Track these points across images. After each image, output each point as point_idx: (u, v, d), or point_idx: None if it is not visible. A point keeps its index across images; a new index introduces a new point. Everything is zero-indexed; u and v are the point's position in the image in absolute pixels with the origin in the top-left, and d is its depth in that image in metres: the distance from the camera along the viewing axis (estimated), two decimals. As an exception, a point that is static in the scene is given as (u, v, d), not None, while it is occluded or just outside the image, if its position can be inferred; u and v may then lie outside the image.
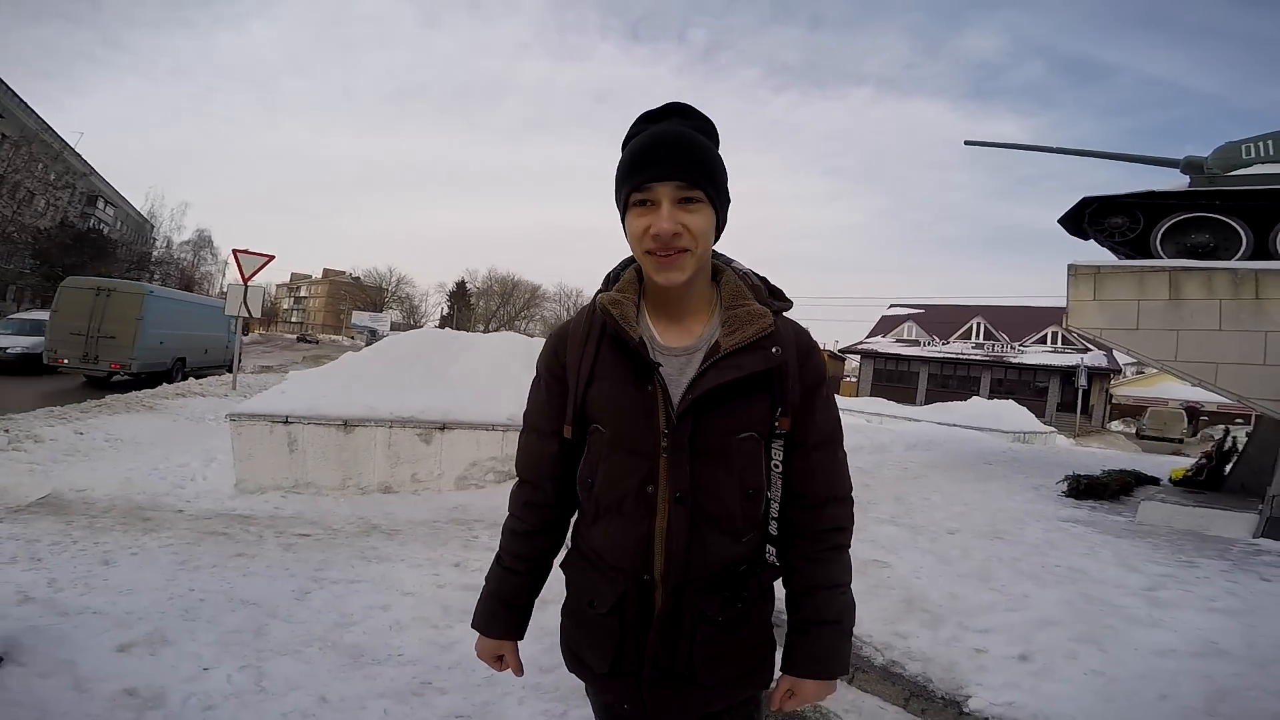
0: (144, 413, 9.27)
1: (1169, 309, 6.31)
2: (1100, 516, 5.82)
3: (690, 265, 1.05)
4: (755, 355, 1.06)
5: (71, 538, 4.00)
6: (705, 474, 1.06)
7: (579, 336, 1.14)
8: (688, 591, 1.07)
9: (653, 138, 1.04)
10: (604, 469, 1.10)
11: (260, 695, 2.40)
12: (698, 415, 1.05)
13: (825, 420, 1.15)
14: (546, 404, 1.18)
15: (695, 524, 1.06)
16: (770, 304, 1.14)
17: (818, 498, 1.14)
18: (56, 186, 35.14)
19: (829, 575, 1.14)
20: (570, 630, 1.19)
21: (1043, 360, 33.86)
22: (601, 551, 1.12)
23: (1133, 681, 2.49)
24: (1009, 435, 14.28)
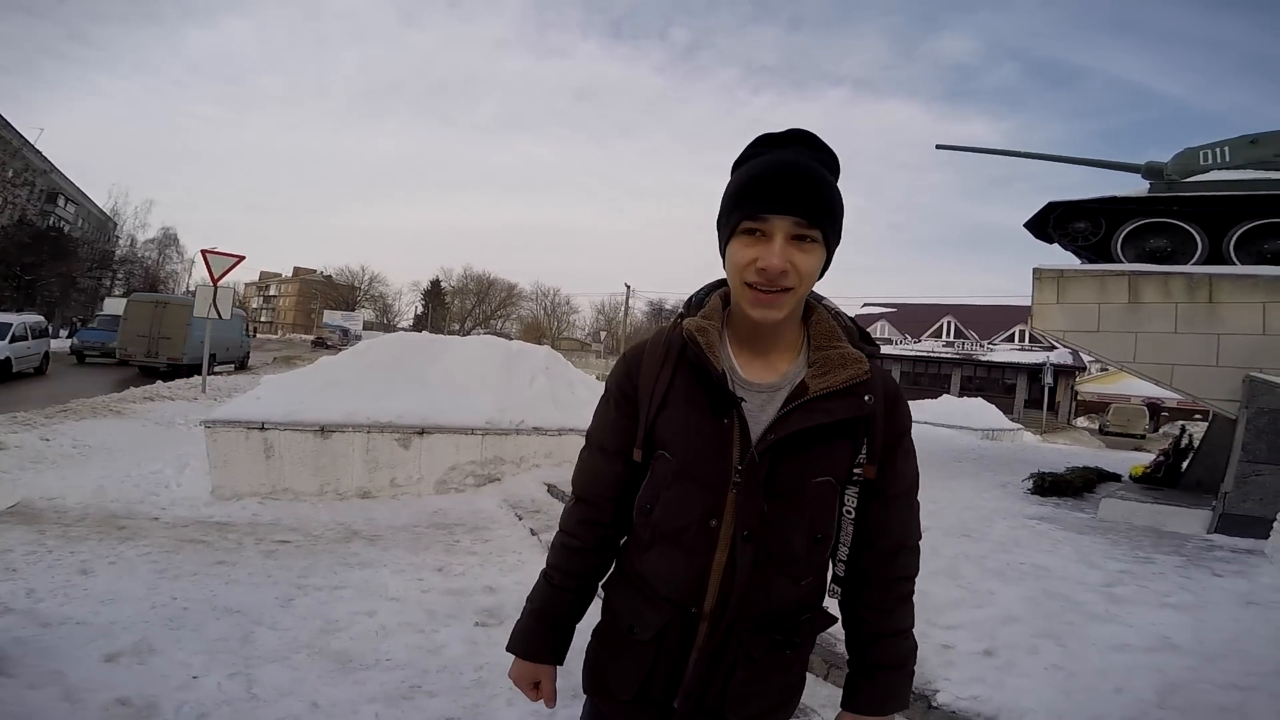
0: (111, 418, 9.11)
1: (1128, 312, 6.53)
2: (1064, 513, 6.00)
3: (789, 304, 1.01)
4: (847, 401, 1.02)
5: (46, 547, 3.96)
6: (776, 514, 1.03)
7: (655, 358, 1.11)
8: (739, 629, 1.04)
9: (777, 166, 0.98)
10: (666, 497, 1.06)
11: (252, 702, 2.43)
12: (776, 455, 1.01)
13: (907, 470, 1.12)
14: (615, 424, 1.14)
15: (759, 563, 1.03)
16: (863, 348, 1.09)
17: (891, 547, 1.11)
18: (15, 184, 34.09)
19: (894, 623, 1.12)
20: (597, 652, 1.16)
21: (1011, 358, 34.65)
22: (652, 579, 1.09)
23: (1090, 676, 2.62)
24: (978, 432, 14.60)
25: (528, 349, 7.66)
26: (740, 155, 1.07)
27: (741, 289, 1.01)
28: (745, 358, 1.09)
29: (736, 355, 1.10)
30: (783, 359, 1.09)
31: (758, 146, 1.06)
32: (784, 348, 1.10)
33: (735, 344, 1.10)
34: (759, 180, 0.99)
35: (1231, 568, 4.31)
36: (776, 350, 1.09)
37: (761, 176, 0.99)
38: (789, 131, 1.06)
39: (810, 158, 1.02)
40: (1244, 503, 5.34)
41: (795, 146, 1.04)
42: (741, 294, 1.02)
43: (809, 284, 1.01)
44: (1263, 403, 5.46)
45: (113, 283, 41.80)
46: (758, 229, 0.98)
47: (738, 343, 1.10)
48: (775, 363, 1.09)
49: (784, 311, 1.01)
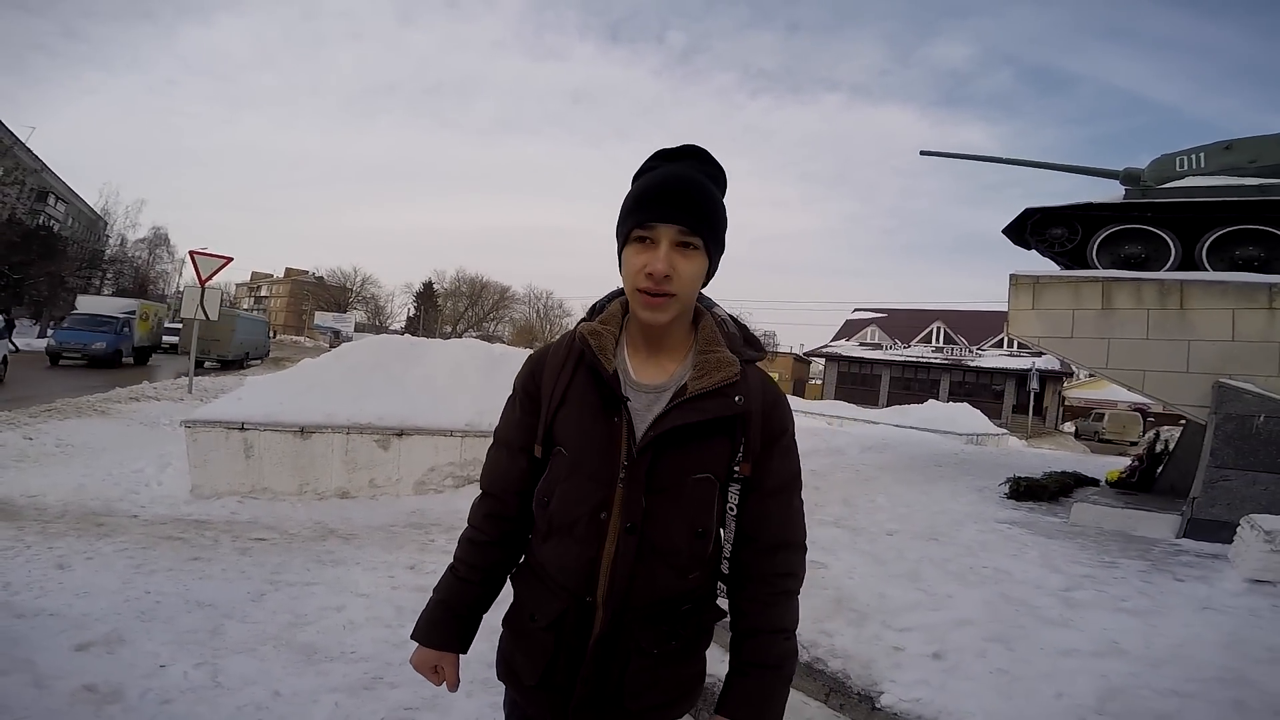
0: (96, 418, 9.12)
1: (1101, 318, 6.60)
2: (1036, 518, 6.05)
3: (674, 308, 1.09)
4: (718, 401, 1.10)
5: (24, 543, 4.00)
6: (657, 508, 1.09)
7: (557, 361, 1.18)
8: (627, 619, 1.10)
9: (664, 178, 1.08)
10: (561, 490, 1.13)
11: (216, 690, 2.49)
12: (657, 452, 1.09)
13: (783, 468, 1.18)
14: (519, 422, 1.22)
15: (642, 554, 1.09)
16: (743, 352, 1.17)
17: (770, 543, 1.16)
18: (5, 183, 33.83)
19: (774, 619, 1.16)
20: (507, 640, 1.22)
21: (999, 363, 34.84)
22: (549, 568, 1.15)
23: (1034, 680, 2.67)
24: (962, 437, 14.72)
25: (510, 353, 7.73)
26: (638, 170, 1.16)
27: (633, 293, 1.10)
28: (639, 360, 1.18)
29: (631, 358, 1.18)
30: (672, 361, 1.17)
31: (653, 160, 1.16)
32: (673, 350, 1.18)
33: (631, 347, 1.19)
34: (649, 191, 1.08)
35: (1194, 572, 4.35)
36: (666, 353, 1.17)
37: (650, 188, 1.08)
38: (683, 147, 1.15)
39: (698, 170, 1.12)
40: (1212, 507, 5.41)
41: (687, 161, 1.14)
42: (633, 298, 1.10)
43: (691, 288, 1.10)
44: (1231, 409, 5.55)
45: (102, 282, 41.57)
46: (646, 236, 1.07)
47: (633, 346, 1.18)
48: (665, 365, 1.17)
49: (670, 314, 1.10)
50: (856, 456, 9.67)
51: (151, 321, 24.48)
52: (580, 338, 1.16)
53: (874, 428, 14.87)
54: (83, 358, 18.61)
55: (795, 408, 13.83)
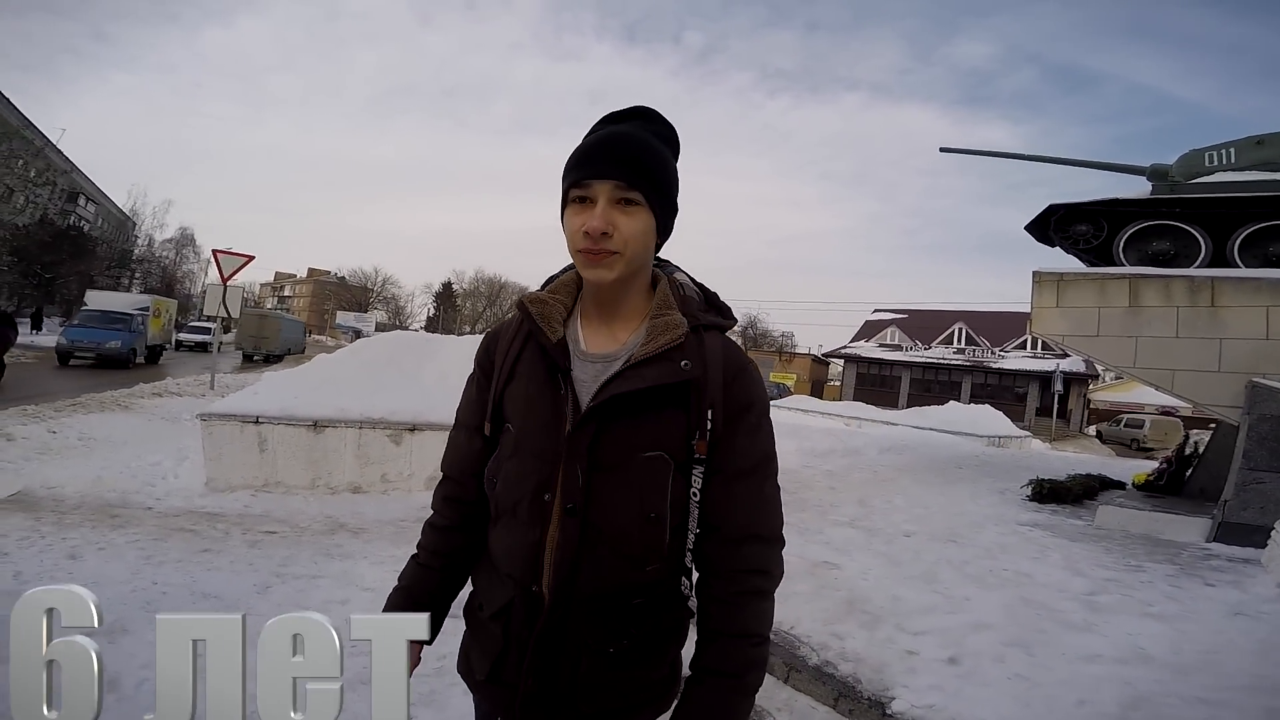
0: (119, 412, 9.25)
1: (1128, 316, 6.44)
2: (1059, 520, 5.92)
3: (619, 266, 1.01)
4: (661, 367, 1.01)
5: (40, 533, 4.03)
6: (601, 488, 1.01)
7: (510, 333, 1.13)
8: (573, 611, 1.01)
9: (603, 135, 1.03)
10: (506, 469, 1.07)
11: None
12: (601, 424, 1.00)
13: (750, 448, 1.06)
14: (475, 400, 1.16)
15: (587, 540, 1.00)
16: (700, 316, 1.08)
17: (735, 534, 1.04)
18: (36, 183, 34.65)
19: (737, 622, 1.03)
20: (466, 633, 1.16)
21: (1022, 365, 34.32)
22: (497, 555, 1.09)
23: (1054, 687, 2.57)
24: (984, 439, 14.45)
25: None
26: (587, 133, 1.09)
27: (575, 255, 1.04)
28: (591, 330, 1.11)
29: (584, 328, 1.11)
30: (625, 329, 1.09)
31: (599, 124, 1.09)
32: (627, 319, 1.10)
33: (585, 317, 1.12)
34: (586, 149, 1.03)
35: (1226, 577, 4.23)
36: (620, 320, 1.10)
37: (587, 146, 1.03)
38: (631, 108, 1.10)
39: (642, 129, 1.06)
40: (1244, 510, 5.26)
41: (634, 121, 1.08)
42: (576, 260, 1.05)
43: (638, 247, 1.02)
44: (1265, 409, 5.37)
45: (131, 282, 42.41)
46: (584, 195, 1.01)
47: (586, 316, 1.12)
48: (617, 333, 1.09)
49: (614, 272, 1.02)
50: (874, 457, 9.54)
51: (164, 318, 23.43)
52: (520, 306, 1.11)
53: (893, 429, 14.66)
54: (94, 357, 17.20)
55: (812, 408, 13.74)
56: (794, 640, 2.92)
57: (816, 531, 4.80)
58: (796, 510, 5.52)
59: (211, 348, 16.13)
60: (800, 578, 3.67)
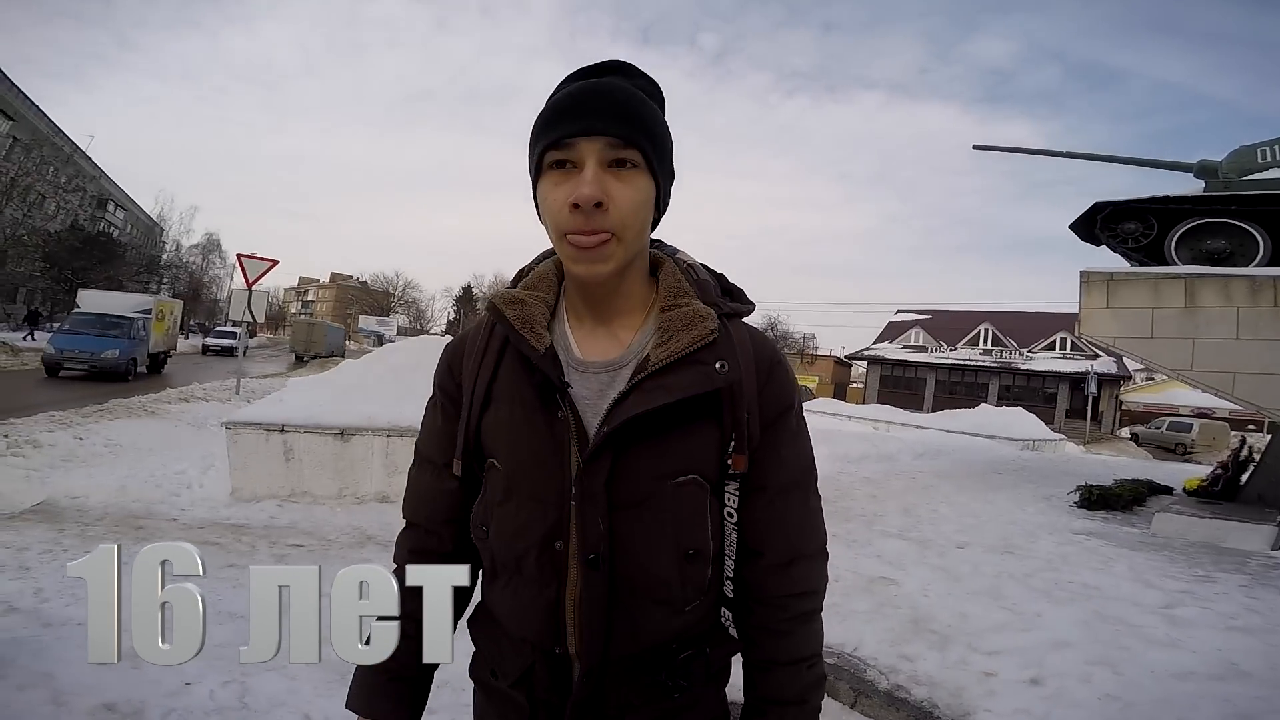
0: (145, 418, 9.24)
1: (1184, 317, 6.20)
2: (1113, 528, 5.70)
3: (618, 254, 0.81)
4: (692, 373, 0.82)
5: (62, 546, 3.94)
6: (628, 530, 0.83)
7: (478, 346, 0.91)
8: (610, 674, 0.85)
9: (580, 88, 0.81)
10: (499, 516, 0.87)
11: (243, 712, 2.34)
12: (618, 453, 0.82)
13: (794, 458, 0.91)
14: (441, 430, 0.95)
15: (616, 594, 0.83)
16: (721, 304, 0.89)
17: (781, 557, 0.89)
18: (67, 190, 35.43)
19: (791, 649, 0.90)
20: (478, 697, 0.97)
21: (1052, 367, 33.69)
22: (503, 616, 0.90)
23: (1150, 706, 2.40)
24: (1018, 443, 14.11)
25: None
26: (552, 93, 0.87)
27: (560, 241, 0.82)
28: (584, 332, 0.90)
29: (574, 330, 0.90)
30: (627, 328, 0.89)
31: (566, 81, 0.87)
32: (629, 313, 0.90)
33: (572, 316, 0.91)
34: (561, 104, 0.81)
35: (1302, 588, 4.01)
36: (619, 318, 0.89)
37: (564, 99, 0.81)
38: (604, 62, 0.87)
39: (622, 82, 0.84)
40: (1312, 519, 5.01)
41: (610, 76, 0.85)
42: (561, 247, 0.82)
43: (636, 221, 0.81)
44: (1332, 413, 5.11)
45: (159, 287, 43.17)
46: (566, 159, 0.79)
47: (574, 314, 0.91)
48: (619, 334, 0.89)
49: (612, 262, 0.81)
50: (910, 463, 9.29)
51: (168, 322, 20.71)
52: (492, 309, 0.89)
53: (924, 433, 14.33)
54: (88, 369, 14.56)
55: (841, 411, 13.57)
56: (859, 663, 2.72)
57: (865, 544, 4.58)
58: (841, 520, 5.31)
59: (237, 352, 15.78)
60: (858, 595, 3.47)
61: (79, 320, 16.05)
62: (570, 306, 0.91)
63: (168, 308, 21.00)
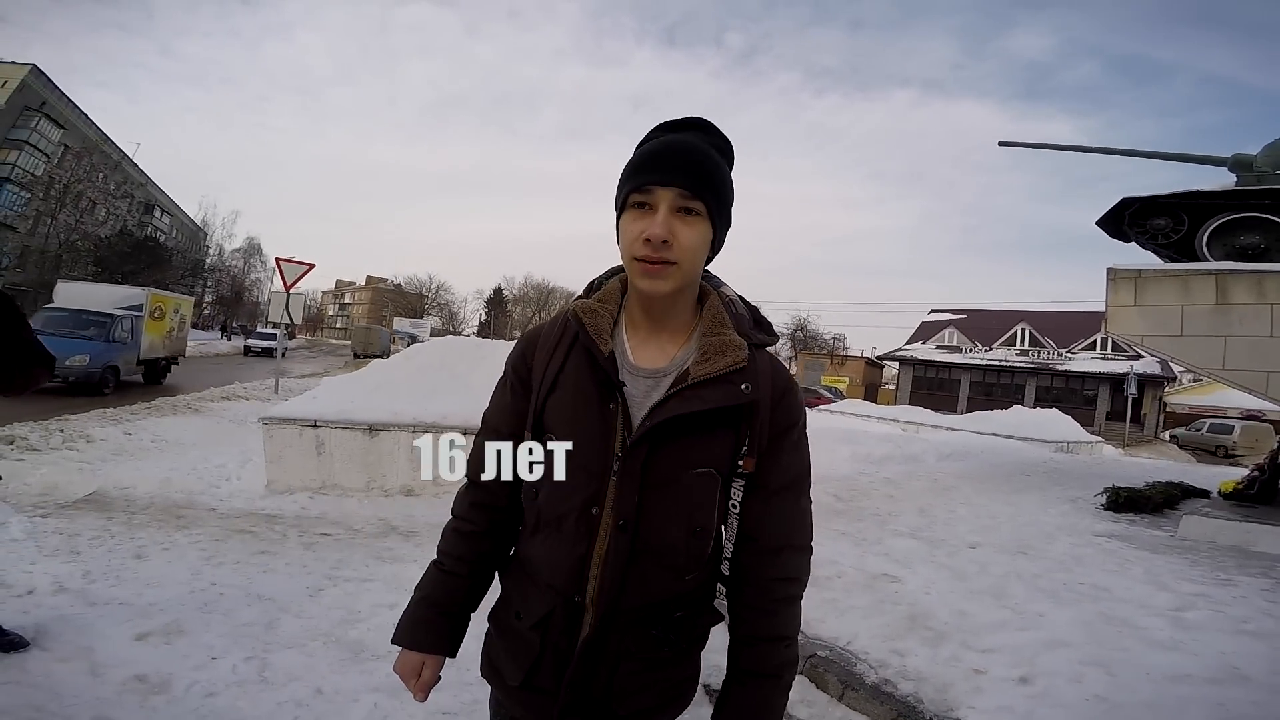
0: (189, 415, 9.67)
1: (1216, 314, 6.06)
2: (1138, 531, 5.60)
3: (675, 278, 1.01)
4: (722, 389, 1.02)
5: (110, 533, 4.18)
6: (653, 505, 1.02)
7: (550, 342, 1.11)
8: (617, 622, 1.04)
9: (666, 143, 1.02)
10: (551, 482, 1.06)
11: (261, 685, 2.50)
12: (654, 443, 1.01)
13: (792, 464, 1.10)
14: (509, 406, 1.14)
15: (636, 554, 1.03)
16: (752, 335, 1.09)
17: (773, 544, 1.09)
18: (116, 196, 36.86)
19: (773, 627, 1.09)
20: (492, 636, 1.16)
21: (1091, 367, 32.81)
22: (536, 565, 1.09)
23: (1137, 709, 2.38)
24: (1052, 445, 13.78)
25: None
26: (642, 140, 1.09)
27: (631, 263, 1.02)
28: (638, 341, 1.10)
29: (630, 339, 1.10)
30: (674, 344, 1.09)
31: (656, 131, 1.09)
32: (676, 332, 1.09)
33: (630, 328, 1.11)
34: (648, 156, 1.02)
35: (1330, 593, 3.91)
36: (668, 334, 1.09)
37: (650, 152, 1.02)
38: (688, 118, 1.08)
39: (700, 139, 1.05)
40: (1348, 524, 4.87)
41: (692, 131, 1.07)
42: (631, 268, 1.03)
43: (694, 257, 1.02)
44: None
45: (203, 290, 44.59)
46: (645, 201, 1.00)
47: (632, 326, 1.11)
48: (666, 347, 1.09)
49: (670, 284, 1.01)
50: (934, 464, 9.19)
51: (172, 321, 16.75)
52: (573, 316, 1.09)
53: (953, 434, 14.10)
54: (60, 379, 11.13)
55: (867, 412, 13.40)
56: (850, 656, 2.78)
57: (875, 542, 4.60)
58: (853, 520, 5.34)
59: (277, 353, 16.21)
60: (858, 591, 3.51)
61: (50, 318, 12.79)
62: (629, 318, 1.11)
63: (170, 303, 17.00)
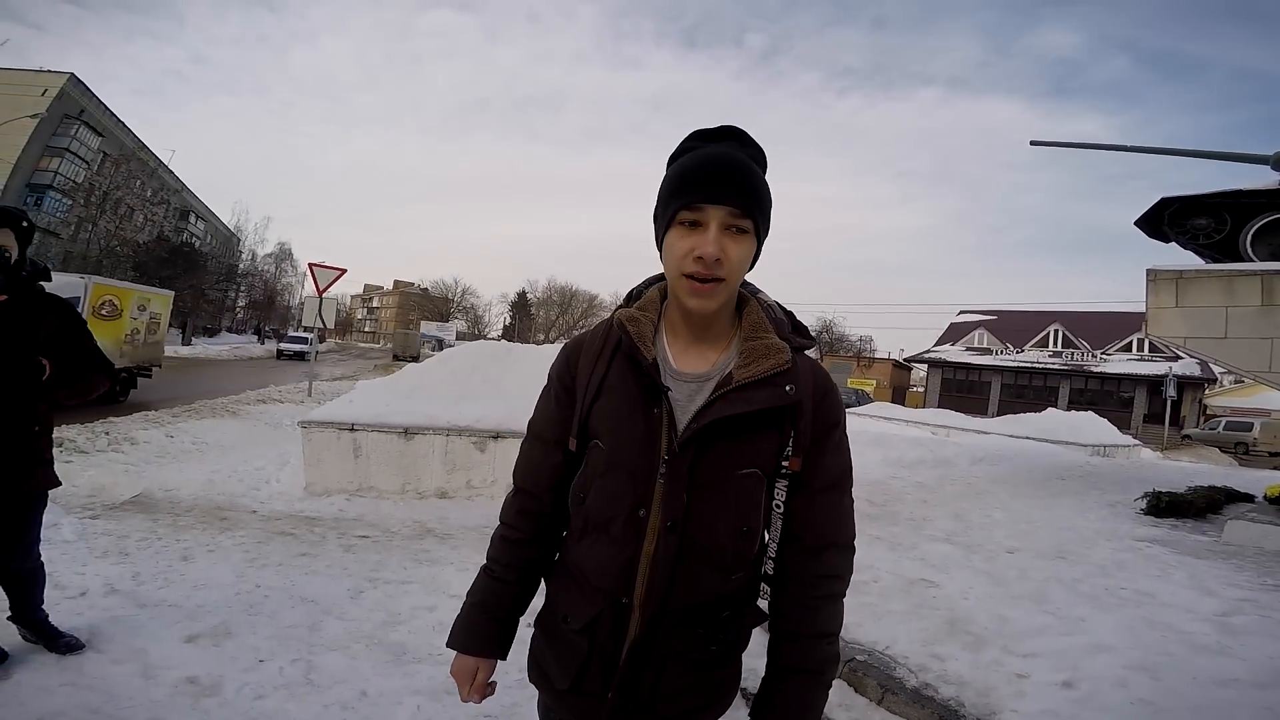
0: (228, 418, 9.89)
1: (1262, 316, 5.91)
2: (1181, 536, 5.47)
3: (723, 294, 1.04)
4: (767, 391, 1.04)
5: (157, 534, 4.30)
6: (701, 506, 1.04)
7: (593, 350, 1.14)
8: (664, 623, 1.05)
9: (711, 158, 1.03)
10: (598, 486, 1.08)
11: (307, 687, 2.55)
12: (701, 445, 1.04)
13: (835, 464, 1.12)
14: (554, 414, 1.17)
15: (684, 555, 1.04)
16: (792, 339, 1.12)
17: (817, 542, 1.11)
18: (152, 202, 37.81)
19: (816, 624, 1.10)
20: (539, 641, 1.18)
21: (1128, 369, 32.06)
22: (584, 568, 1.10)
23: (1183, 713, 2.34)
24: (1087, 449, 13.48)
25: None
26: (675, 150, 1.11)
27: (679, 279, 1.04)
28: (679, 348, 1.12)
29: (671, 346, 1.12)
30: (715, 349, 1.11)
31: (691, 141, 1.10)
32: (716, 338, 1.12)
33: (670, 334, 1.13)
34: (695, 172, 1.02)
35: (1382, 601, 3.79)
36: (709, 341, 1.12)
37: (697, 168, 1.03)
38: (722, 128, 1.10)
39: (741, 152, 1.06)
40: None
41: (727, 142, 1.08)
42: (679, 284, 1.05)
43: (739, 273, 1.05)
44: None
45: (237, 294, 45.56)
46: (694, 219, 1.01)
47: (672, 333, 1.13)
48: (707, 353, 1.11)
49: (718, 301, 1.04)
50: (967, 469, 9.06)
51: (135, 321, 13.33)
52: (619, 324, 1.11)
53: (985, 438, 13.86)
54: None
55: (897, 416, 13.24)
56: (890, 661, 2.76)
57: (910, 547, 4.56)
58: (888, 524, 5.29)
59: (309, 356, 16.38)
60: (895, 595, 3.49)
61: None
62: (669, 325, 1.13)
63: (129, 297, 13.29)
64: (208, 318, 42.87)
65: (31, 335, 2.34)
